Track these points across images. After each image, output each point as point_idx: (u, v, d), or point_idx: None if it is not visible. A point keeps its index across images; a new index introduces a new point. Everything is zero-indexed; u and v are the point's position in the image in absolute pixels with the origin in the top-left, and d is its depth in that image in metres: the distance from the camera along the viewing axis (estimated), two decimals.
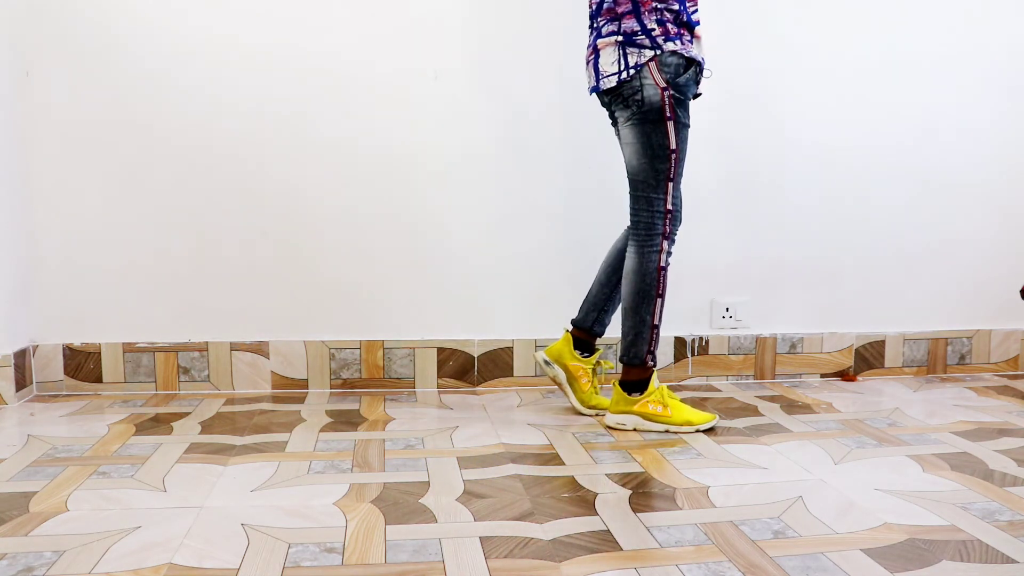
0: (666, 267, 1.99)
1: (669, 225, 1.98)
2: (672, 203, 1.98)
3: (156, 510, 1.49)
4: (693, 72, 1.92)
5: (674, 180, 1.96)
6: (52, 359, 2.36)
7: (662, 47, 1.88)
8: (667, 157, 1.92)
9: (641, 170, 1.95)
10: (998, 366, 2.79)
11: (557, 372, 2.18)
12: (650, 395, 2.01)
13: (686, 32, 1.92)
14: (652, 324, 2.00)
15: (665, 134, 1.91)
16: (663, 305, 2.01)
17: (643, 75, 1.88)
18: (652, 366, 2.03)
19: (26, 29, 2.25)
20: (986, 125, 2.68)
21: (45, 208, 2.32)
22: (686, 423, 2.00)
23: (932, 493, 1.60)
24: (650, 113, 1.90)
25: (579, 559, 1.30)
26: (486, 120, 2.43)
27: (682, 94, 1.91)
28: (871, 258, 2.68)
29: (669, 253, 2.00)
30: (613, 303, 2.18)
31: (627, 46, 1.90)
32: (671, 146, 1.91)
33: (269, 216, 2.39)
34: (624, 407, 2.03)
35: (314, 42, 2.34)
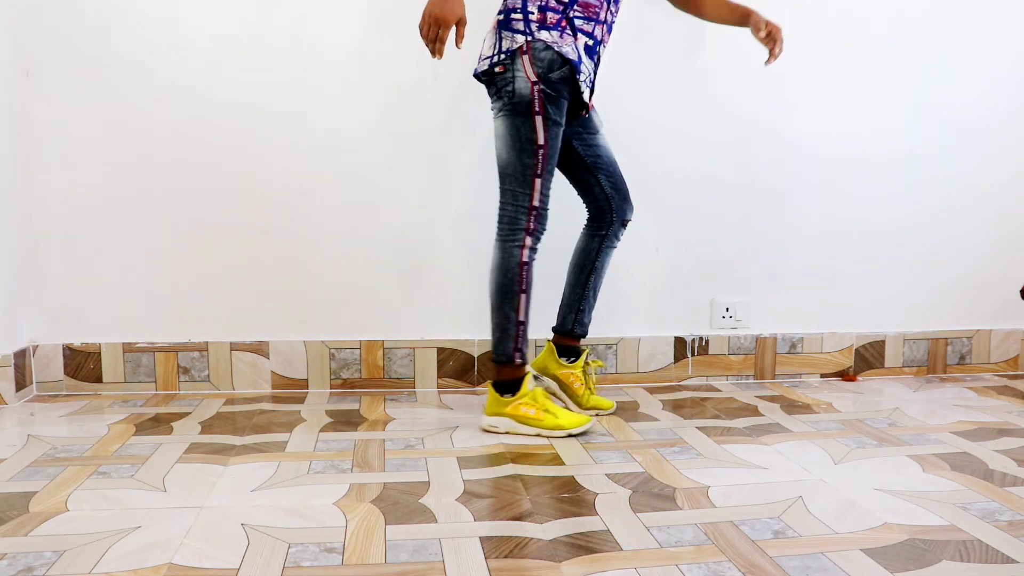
0: (529, 263, 1.95)
1: (534, 221, 1.94)
2: (539, 200, 1.93)
3: (156, 510, 1.49)
4: (567, 71, 1.89)
5: (542, 176, 1.92)
6: (52, 359, 2.36)
7: (534, 34, 1.85)
8: (535, 152, 1.89)
9: (509, 163, 1.92)
10: (998, 366, 2.79)
11: (548, 383, 2.17)
12: (522, 397, 1.97)
13: (568, 28, 1.89)
14: (517, 321, 1.96)
15: (533, 128, 1.88)
16: (528, 301, 1.96)
17: (516, 68, 1.86)
18: (520, 363, 1.98)
19: (26, 29, 2.25)
20: (986, 125, 2.68)
21: (45, 208, 2.32)
22: (556, 427, 1.95)
23: (932, 493, 1.60)
24: (519, 106, 1.87)
25: (579, 559, 1.30)
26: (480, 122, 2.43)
27: (554, 90, 1.88)
28: (871, 258, 2.68)
29: (533, 249, 1.96)
30: (587, 301, 2.18)
31: (503, 28, 1.88)
32: (539, 141, 1.88)
33: (269, 216, 2.39)
34: (497, 409, 1.98)
35: (314, 42, 2.34)
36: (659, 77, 2.49)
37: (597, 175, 2.11)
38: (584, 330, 2.20)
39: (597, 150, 2.11)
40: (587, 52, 1.94)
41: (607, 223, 2.14)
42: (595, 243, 2.16)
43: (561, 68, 1.88)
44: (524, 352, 1.99)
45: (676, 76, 2.50)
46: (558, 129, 1.92)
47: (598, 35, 1.96)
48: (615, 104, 2.47)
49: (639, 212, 2.52)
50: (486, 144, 2.44)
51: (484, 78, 1.95)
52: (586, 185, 2.14)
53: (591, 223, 2.17)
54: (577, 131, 2.08)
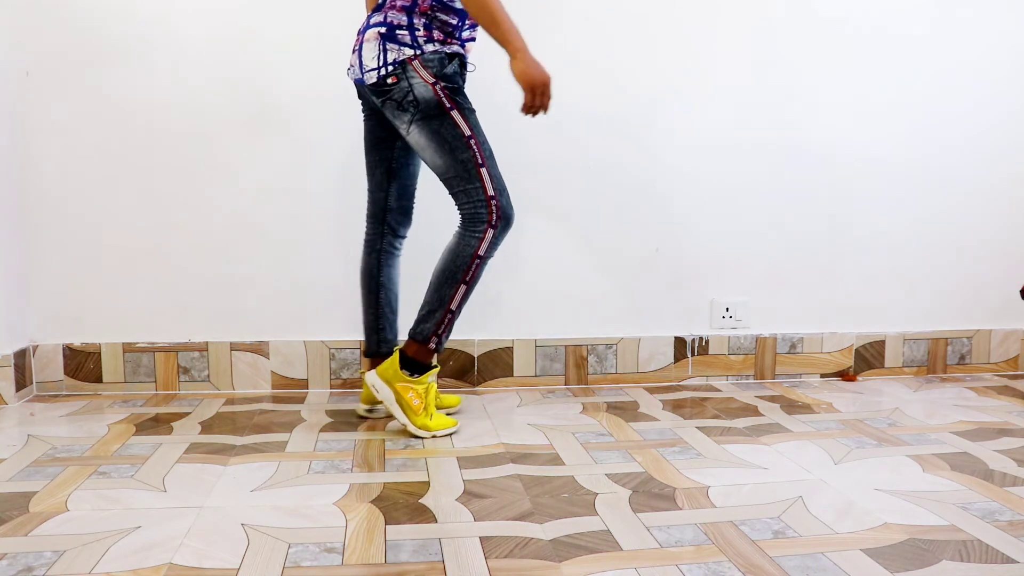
0: (484, 257, 1.92)
1: (495, 213, 1.90)
2: (494, 189, 1.90)
3: (156, 510, 1.49)
4: (457, 64, 1.89)
5: (485, 165, 1.89)
6: (52, 359, 2.36)
7: (422, 47, 1.86)
8: (467, 146, 1.87)
9: (448, 167, 1.90)
10: (998, 366, 2.79)
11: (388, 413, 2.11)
12: (418, 384, 1.95)
13: (453, 43, 1.90)
14: (448, 308, 1.93)
15: (454, 124, 1.86)
16: (467, 294, 1.93)
17: (410, 75, 1.85)
18: (434, 349, 1.95)
19: (26, 29, 2.25)
20: (987, 125, 2.68)
21: (45, 208, 2.32)
22: (423, 427, 1.94)
23: (932, 493, 1.60)
24: (429, 110, 1.85)
25: (579, 559, 1.30)
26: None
27: (454, 83, 1.87)
28: (871, 258, 2.68)
29: (493, 244, 1.92)
30: (386, 318, 2.13)
31: (388, 40, 1.87)
32: (465, 133, 1.87)
33: (269, 216, 2.39)
34: (390, 376, 1.95)
35: (313, 42, 2.34)
36: (659, 77, 2.49)
37: (391, 183, 2.09)
38: (390, 348, 2.12)
39: (407, 160, 2.09)
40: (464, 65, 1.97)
41: (379, 234, 2.11)
42: (373, 260, 2.12)
43: (452, 62, 1.88)
44: (442, 340, 1.96)
45: (673, 77, 2.50)
46: (476, 116, 1.91)
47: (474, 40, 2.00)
48: (615, 104, 2.48)
49: (640, 212, 2.53)
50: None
51: (371, 90, 1.92)
52: (378, 184, 2.10)
53: (369, 236, 2.13)
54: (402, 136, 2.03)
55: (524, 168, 2.46)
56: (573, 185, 2.49)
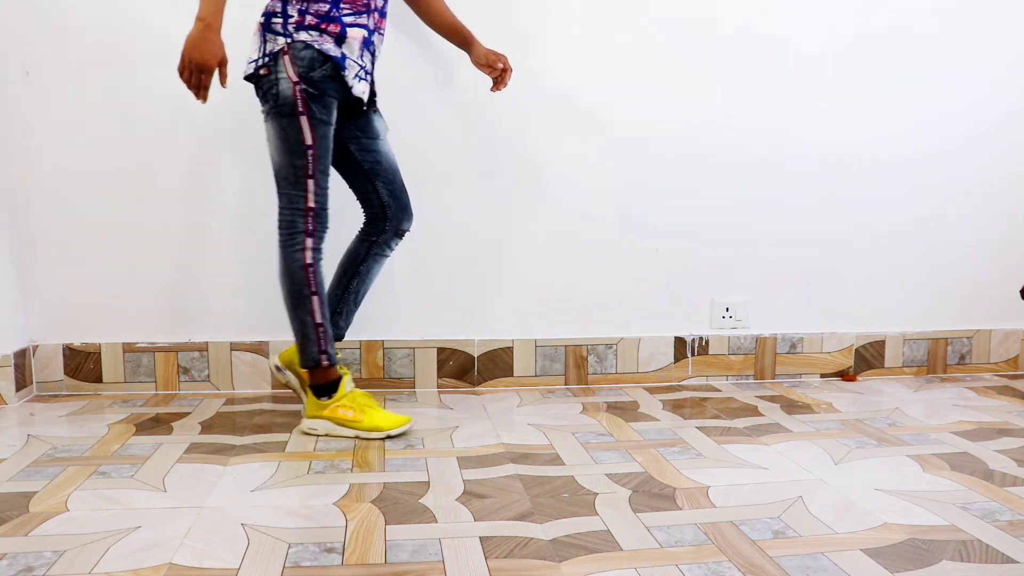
0: (314, 263, 1.91)
1: (312, 222, 1.90)
2: (316, 201, 1.89)
3: (156, 510, 1.49)
4: (330, 68, 1.86)
5: (314, 177, 1.88)
6: (52, 359, 2.36)
7: (293, 36, 1.83)
8: (304, 153, 1.85)
9: (281, 166, 1.89)
10: (998, 366, 2.79)
11: (289, 378, 2.09)
12: (340, 399, 1.95)
13: (331, 27, 1.86)
14: (315, 323, 1.91)
15: (300, 129, 1.84)
16: (323, 302, 1.92)
17: (279, 69, 1.83)
18: (329, 365, 1.94)
19: (26, 29, 2.25)
20: (986, 125, 2.68)
21: (45, 208, 2.32)
22: (375, 428, 1.93)
23: (932, 493, 1.60)
24: (284, 107, 1.84)
25: (579, 559, 1.30)
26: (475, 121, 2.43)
27: (317, 89, 1.84)
28: (871, 258, 2.68)
29: (317, 250, 1.92)
30: (347, 305, 2.11)
31: (266, 31, 1.86)
32: (307, 142, 1.85)
33: (269, 216, 2.38)
34: (316, 411, 1.96)
35: None
36: (659, 78, 2.49)
37: (375, 182, 2.07)
38: (339, 333, 2.11)
39: (377, 156, 2.06)
40: (364, 45, 1.92)
41: (380, 231, 2.09)
42: (364, 248, 2.10)
43: (323, 66, 1.85)
44: (331, 353, 1.94)
45: (675, 77, 2.50)
46: (327, 128, 1.88)
47: (371, 24, 1.93)
48: (616, 104, 2.48)
49: (640, 211, 2.53)
50: (480, 145, 2.44)
51: (252, 81, 1.91)
52: (363, 191, 2.09)
53: (366, 228, 2.11)
54: (356, 135, 2.03)
55: (524, 168, 2.47)
56: (573, 185, 2.49)
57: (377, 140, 2.07)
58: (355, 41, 1.90)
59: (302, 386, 2.04)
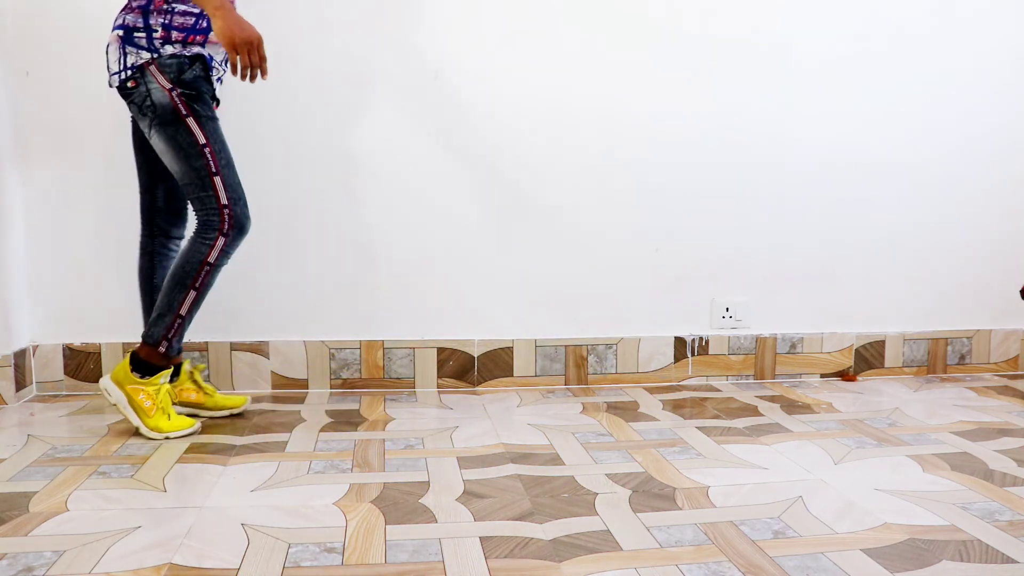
0: (215, 264, 1.91)
1: (227, 222, 1.90)
2: (228, 198, 1.90)
3: (156, 510, 1.49)
4: (200, 68, 1.86)
5: (220, 174, 1.88)
6: (52, 359, 2.36)
7: (160, 51, 1.83)
8: (201, 153, 1.86)
9: (184, 173, 1.89)
10: (998, 366, 2.79)
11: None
12: (149, 385, 1.93)
13: (197, 39, 1.87)
14: (178, 313, 1.92)
15: (189, 131, 1.85)
16: (198, 301, 1.93)
17: (148, 80, 1.83)
18: (163, 352, 1.93)
19: (26, 29, 2.25)
20: (986, 126, 2.68)
21: (45, 208, 2.32)
22: (156, 428, 1.92)
23: (932, 493, 1.60)
24: (166, 116, 1.84)
25: (579, 559, 1.30)
26: (489, 120, 2.43)
27: (193, 89, 1.85)
28: (871, 258, 2.68)
29: (224, 253, 1.92)
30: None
31: (126, 44, 1.85)
32: (200, 142, 1.86)
33: (269, 216, 2.38)
34: (121, 379, 1.93)
35: (313, 45, 2.34)
36: (661, 78, 2.49)
37: (157, 185, 2.05)
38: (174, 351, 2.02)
39: None
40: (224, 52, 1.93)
41: (151, 235, 2.09)
42: (146, 262, 2.09)
43: (193, 66, 1.85)
44: (172, 345, 1.94)
45: (678, 79, 2.50)
46: (215, 123, 1.90)
47: None
48: (616, 104, 2.48)
49: (640, 211, 2.53)
50: (474, 144, 2.44)
51: (120, 92, 1.90)
52: (147, 193, 2.07)
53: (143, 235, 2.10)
54: None
55: (524, 168, 2.46)
56: (573, 185, 2.49)
57: None
58: (219, 46, 1.91)
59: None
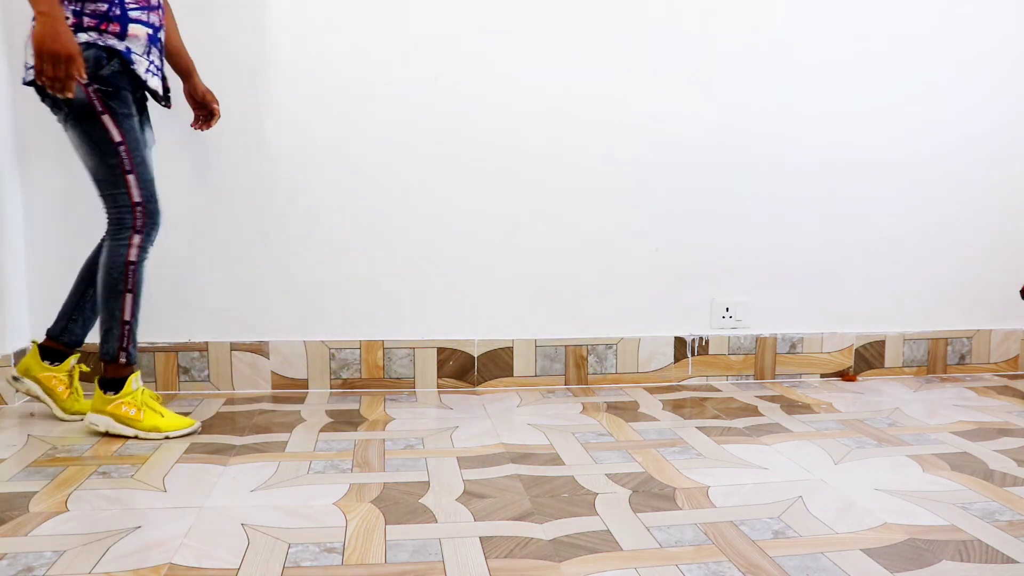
0: (138, 263, 1.91)
1: (141, 219, 1.89)
2: (140, 195, 1.89)
3: (156, 510, 1.49)
4: (119, 63, 1.83)
5: (134, 172, 1.87)
6: None
7: (76, 38, 1.77)
8: (115, 150, 1.84)
9: (97, 169, 1.88)
10: (998, 366, 2.79)
11: (30, 386, 2.05)
12: (126, 396, 1.93)
13: (112, 26, 1.83)
14: (123, 320, 1.91)
15: (104, 129, 1.83)
16: (136, 302, 1.92)
17: None
18: (125, 363, 1.93)
19: (26, 29, 2.25)
20: (986, 126, 2.68)
21: (45, 207, 2.32)
22: (154, 429, 1.92)
23: (932, 493, 1.60)
24: (81, 111, 1.82)
25: (579, 559, 1.30)
26: (485, 120, 2.43)
27: (110, 86, 1.82)
28: (871, 258, 2.68)
29: (143, 248, 1.91)
30: (83, 312, 2.06)
31: None
32: (115, 139, 1.84)
33: (269, 216, 2.39)
34: (101, 407, 1.94)
35: (313, 45, 2.34)
36: (661, 79, 2.49)
37: None
38: (72, 339, 2.07)
39: None
40: (151, 41, 1.91)
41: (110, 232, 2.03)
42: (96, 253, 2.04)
43: (111, 62, 1.83)
44: (130, 352, 1.94)
45: (678, 79, 2.50)
46: (132, 120, 1.87)
47: (156, 21, 1.92)
48: (616, 105, 2.48)
49: (641, 211, 2.53)
50: (475, 143, 2.44)
51: (36, 89, 1.86)
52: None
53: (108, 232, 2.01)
54: None
55: (524, 168, 2.47)
56: (573, 185, 2.49)
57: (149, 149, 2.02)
58: (139, 37, 1.88)
59: (47, 392, 2.03)
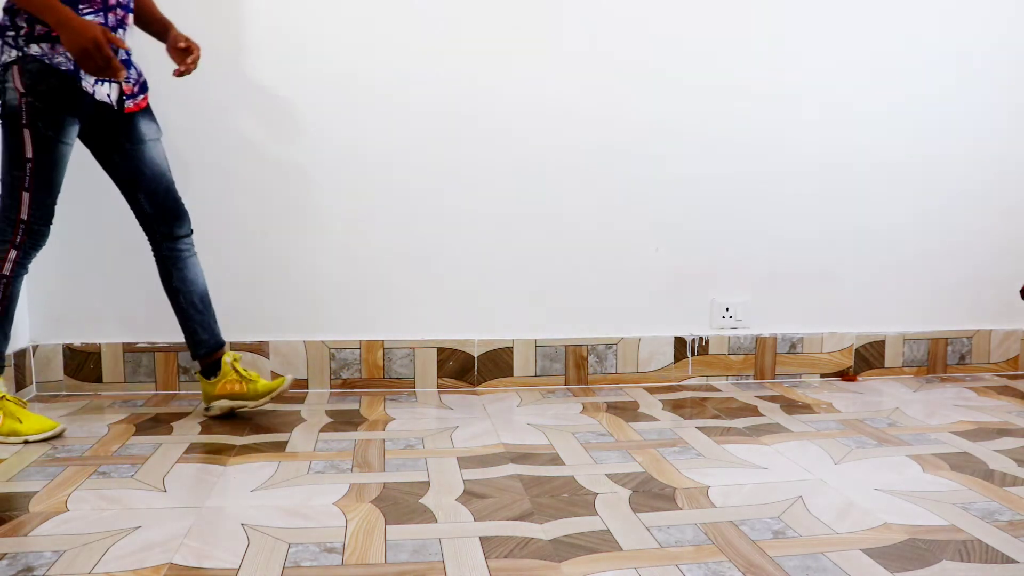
0: (11, 277, 1.88)
1: (22, 235, 1.86)
2: (27, 214, 1.85)
3: (156, 510, 1.49)
4: (58, 81, 1.81)
5: (30, 191, 1.84)
6: (52, 359, 2.35)
7: (24, 49, 1.79)
8: (23, 165, 1.82)
9: (2, 173, 1.86)
10: (998, 366, 2.79)
11: (219, 405, 2.10)
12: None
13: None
14: None
15: (22, 141, 1.81)
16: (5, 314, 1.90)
17: (7, 79, 1.80)
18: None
19: None
20: (986, 126, 2.68)
21: None
22: (12, 432, 1.87)
23: (932, 493, 1.60)
24: (9, 117, 1.82)
25: (579, 559, 1.30)
26: (487, 122, 2.44)
27: (44, 103, 1.81)
28: (871, 258, 2.68)
29: (21, 264, 1.89)
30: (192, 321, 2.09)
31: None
32: (27, 155, 1.82)
33: (269, 216, 2.39)
34: None
35: (312, 46, 2.34)
36: (661, 79, 2.49)
37: (136, 193, 2.03)
38: (205, 349, 2.10)
39: (139, 164, 2.00)
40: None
41: (156, 245, 2.07)
42: (161, 268, 2.08)
43: (49, 79, 1.81)
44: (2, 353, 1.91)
45: (678, 79, 2.50)
46: (54, 144, 1.84)
47: (112, 21, 1.87)
48: (616, 105, 2.48)
49: (640, 211, 2.53)
50: (477, 144, 2.44)
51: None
52: (130, 200, 2.05)
53: (150, 243, 2.09)
54: (119, 142, 1.98)
55: (524, 167, 2.46)
56: (573, 185, 2.49)
57: (141, 146, 2.00)
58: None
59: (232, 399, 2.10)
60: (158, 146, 2.04)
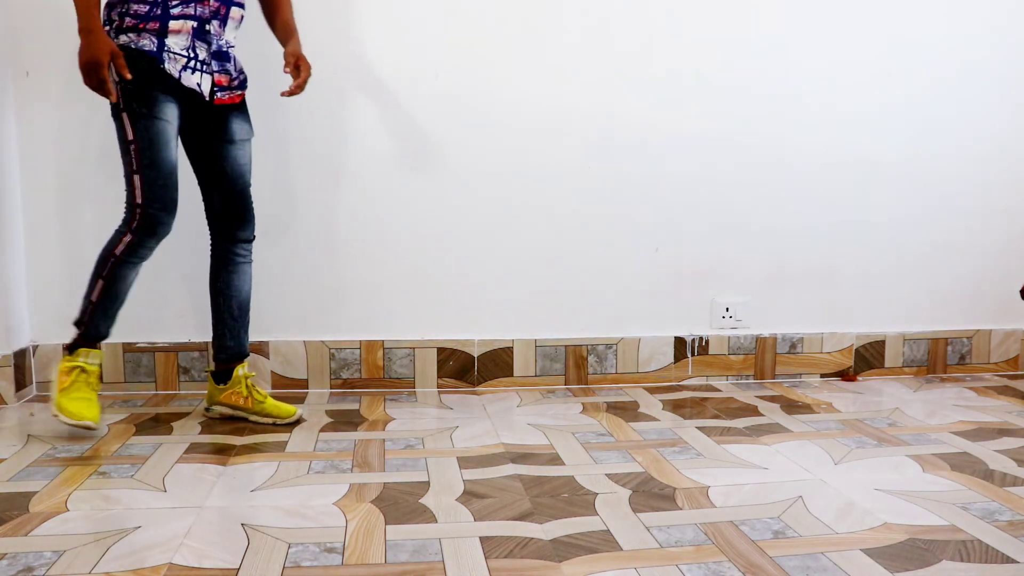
0: (122, 260, 1.90)
1: (139, 219, 1.89)
2: (142, 198, 1.88)
3: (156, 510, 1.49)
4: (145, 64, 1.85)
5: (140, 173, 1.87)
6: (52, 359, 2.35)
7: (117, 39, 1.86)
8: (128, 149, 1.87)
9: (122, 163, 1.91)
10: (998, 366, 2.79)
11: (220, 410, 2.10)
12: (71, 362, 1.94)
13: (150, 25, 1.85)
14: (89, 298, 1.94)
15: (123, 126, 1.87)
16: (106, 291, 1.92)
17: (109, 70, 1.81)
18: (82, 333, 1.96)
19: (26, 29, 2.25)
20: (986, 126, 2.68)
21: (45, 208, 2.32)
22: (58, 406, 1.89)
23: (932, 493, 1.60)
24: (113, 107, 1.87)
25: (579, 559, 1.30)
26: (493, 122, 2.43)
27: (134, 84, 1.83)
28: (871, 258, 2.68)
29: (131, 250, 1.90)
30: (224, 325, 2.10)
31: None
32: (129, 137, 1.86)
33: (268, 216, 2.38)
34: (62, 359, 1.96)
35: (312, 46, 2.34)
36: (660, 79, 2.49)
37: (212, 191, 2.05)
38: (226, 355, 2.10)
39: (222, 163, 2.02)
40: (196, 36, 1.89)
41: (216, 243, 2.09)
42: (213, 264, 2.09)
43: (138, 63, 1.84)
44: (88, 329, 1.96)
45: (678, 79, 2.50)
46: (151, 121, 1.86)
47: (205, 12, 1.89)
48: (615, 105, 2.48)
49: (640, 211, 2.53)
50: (480, 144, 2.44)
51: None
52: (204, 195, 2.08)
53: (211, 238, 2.11)
54: (208, 138, 2.01)
55: (523, 167, 2.46)
56: (573, 185, 2.49)
57: (229, 145, 2.02)
58: (181, 33, 1.88)
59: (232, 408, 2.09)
60: (246, 147, 2.06)
